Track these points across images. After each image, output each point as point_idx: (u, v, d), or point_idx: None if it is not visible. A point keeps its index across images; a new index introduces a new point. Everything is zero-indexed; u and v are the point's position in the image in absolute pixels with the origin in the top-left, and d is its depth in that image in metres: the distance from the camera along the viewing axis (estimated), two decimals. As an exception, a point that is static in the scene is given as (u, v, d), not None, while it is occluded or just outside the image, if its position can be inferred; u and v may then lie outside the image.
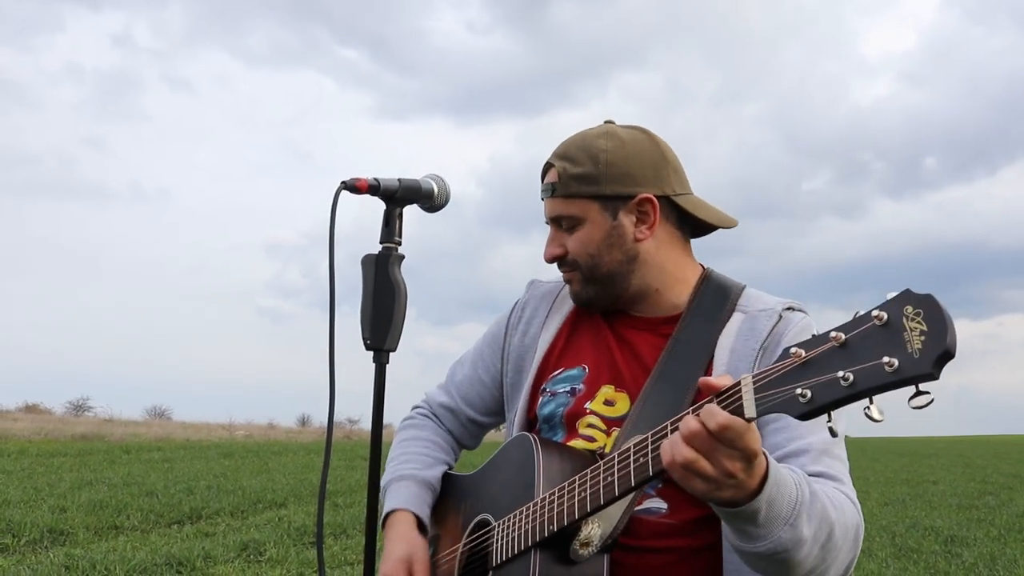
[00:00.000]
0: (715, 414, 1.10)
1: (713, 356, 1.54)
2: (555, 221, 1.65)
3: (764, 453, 1.19)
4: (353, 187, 1.39)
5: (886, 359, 0.93)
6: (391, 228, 1.43)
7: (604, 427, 1.59)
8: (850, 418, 1.15)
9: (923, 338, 0.91)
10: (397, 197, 1.45)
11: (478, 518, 1.64)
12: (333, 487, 12.33)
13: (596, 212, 1.60)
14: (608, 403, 1.61)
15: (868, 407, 0.96)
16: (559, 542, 1.40)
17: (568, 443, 1.62)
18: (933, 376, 0.90)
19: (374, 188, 1.41)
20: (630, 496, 1.41)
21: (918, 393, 0.92)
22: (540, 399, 1.70)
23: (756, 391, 1.08)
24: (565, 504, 1.38)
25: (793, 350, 1.04)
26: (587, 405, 1.62)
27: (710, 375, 1.50)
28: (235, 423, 32.79)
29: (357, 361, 2.00)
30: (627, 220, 1.61)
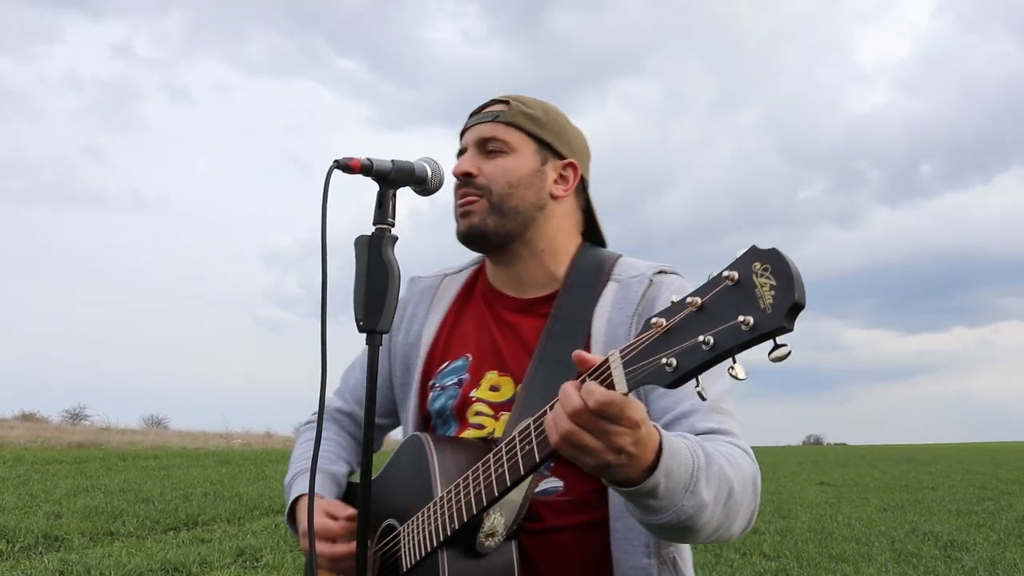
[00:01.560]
0: (593, 392, 1.09)
1: (591, 329, 1.55)
2: (482, 143, 1.66)
3: (655, 426, 1.20)
4: (346, 166, 1.36)
5: (741, 317, 0.93)
6: (384, 209, 1.41)
7: (492, 412, 1.61)
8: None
9: (773, 292, 0.92)
10: (390, 179, 1.42)
11: (384, 524, 1.62)
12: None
13: (529, 150, 1.66)
14: (494, 388, 1.62)
15: (732, 367, 0.97)
16: (464, 537, 1.40)
17: (461, 435, 1.62)
18: (787, 328, 0.91)
19: (367, 168, 1.38)
20: (527, 481, 1.41)
21: (776, 347, 0.93)
22: (430, 395, 1.70)
23: (625, 365, 1.08)
24: (463, 500, 1.37)
25: (654, 320, 1.05)
26: (473, 393, 1.63)
27: (588, 349, 1.52)
28: (232, 432, 32.75)
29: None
30: (551, 172, 1.68)
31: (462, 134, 1.73)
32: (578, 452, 1.14)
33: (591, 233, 1.77)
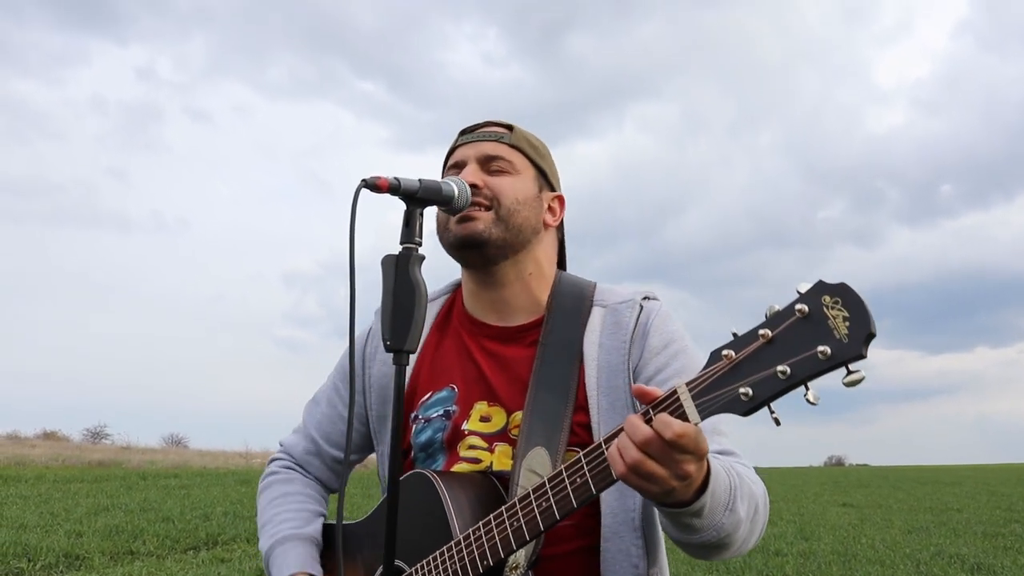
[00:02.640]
0: (670, 424, 1.13)
1: (583, 354, 1.60)
2: (486, 160, 1.69)
3: None
4: (374, 185, 1.35)
5: (820, 348, 1.01)
6: (411, 228, 1.40)
7: (486, 444, 1.61)
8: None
9: (848, 324, 1.00)
10: (417, 197, 1.41)
11: (382, 568, 1.57)
12: (350, 513, 12.24)
13: (530, 176, 1.72)
14: (484, 419, 1.63)
15: (806, 393, 1.04)
16: (490, 573, 1.41)
17: (452, 468, 1.61)
18: (863, 356, 0.99)
19: (394, 188, 1.38)
20: None
21: (849, 372, 1.01)
22: (413, 427, 1.68)
23: (694, 397, 1.13)
24: (496, 539, 1.37)
25: (724, 353, 1.11)
26: (464, 426, 1.63)
27: (582, 374, 1.58)
28: (252, 451, 32.85)
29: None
30: (545, 201, 1.75)
31: (453, 150, 1.74)
32: (644, 481, 1.18)
33: (561, 265, 1.84)
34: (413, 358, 1.72)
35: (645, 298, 1.67)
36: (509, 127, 1.73)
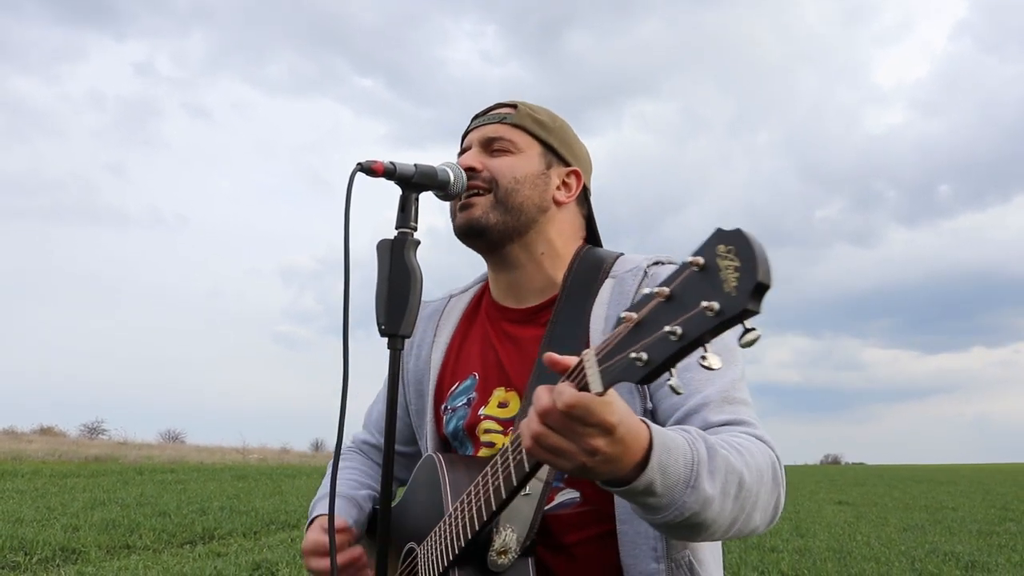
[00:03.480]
0: (562, 393, 1.05)
1: (589, 328, 1.52)
2: (487, 142, 1.66)
3: (644, 422, 1.15)
4: (369, 169, 1.36)
5: (704, 303, 0.86)
6: (407, 213, 1.41)
7: (501, 429, 1.59)
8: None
9: (737, 275, 0.84)
10: (413, 182, 1.42)
11: (405, 548, 1.61)
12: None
13: (536, 153, 1.67)
14: (502, 405, 1.61)
15: (703, 356, 0.89)
16: (475, 555, 1.37)
17: (477, 454, 1.61)
18: (752, 311, 0.84)
19: (390, 172, 1.38)
20: (538, 495, 1.41)
21: (746, 331, 0.86)
22: (444, 418, 1.69)
23: (599, 363, 1.02)
24: (466, 515, 1.35)
25: (624, 314, 0.98)
26: (481, 411, 1.62)
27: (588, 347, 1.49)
28: (249, 447, 32.80)
29: (371, 388, 1.98)
30: (555, 177, 1.68)
31: (464, 136, 1.73)
32: (550, 455, 1.10)
33: (592, 241, 1.76)
34: (442, 350, 1.74)
35: (655, 263, 1.58)
36: (514, 105, 1.70)
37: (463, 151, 1.71)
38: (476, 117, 1.74)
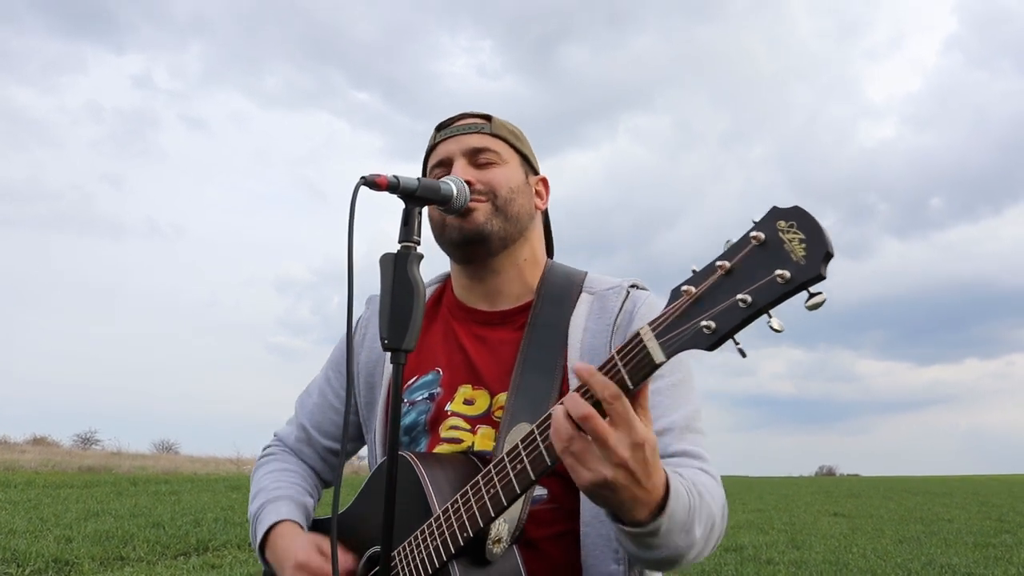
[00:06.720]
0: (607, 385, 1.10)
1: (568, 337, 1.60)
2: (472, 153, 1.68)
3: (663, 468, 1.20)
4: (372, 183, 1.36)
5: (778, 272, 0.98)
6: (410, 227, 1.40)
7: (468, 426, 1.61)
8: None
9: (804, 246, 0.97)
10: (416, 196, 1.42)
11: (371, 551, 1.59)
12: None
13: (516, 163, 1.74)
14: (468, 402, 1.64)
15: (770, 321, 1.01)
16: (474, 547, 1.40)
17: (434, 449, 1.62)
18: (822, 276, 0.96)
19: (393, 186, 1.38)
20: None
21: (811, 295, 0.98)
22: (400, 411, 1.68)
23: (658, 336, 1.09)
24: (472, 510, 1.36)
25: (684, 288, 1.07)
26: (447, 407, 1.64)
27: (565, 356, 1.57)
28: (243, 457, 32.69)
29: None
30: (532, 185, 1.77)
31: (434, 147, 1.74)
32: (576, 460, 1.13)
33: (548, 247, 1.85)
34: None
35: (633, 286, 1.67)
36: (487, 117, 1.73)
37: (440, 163, 1.71)
38: (441, 127, 1.75)
